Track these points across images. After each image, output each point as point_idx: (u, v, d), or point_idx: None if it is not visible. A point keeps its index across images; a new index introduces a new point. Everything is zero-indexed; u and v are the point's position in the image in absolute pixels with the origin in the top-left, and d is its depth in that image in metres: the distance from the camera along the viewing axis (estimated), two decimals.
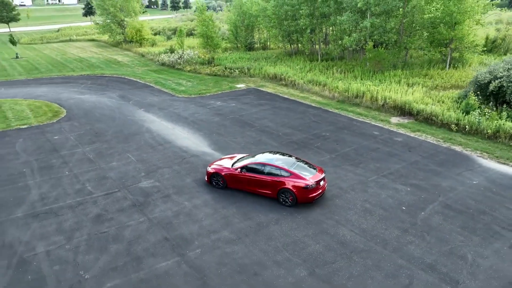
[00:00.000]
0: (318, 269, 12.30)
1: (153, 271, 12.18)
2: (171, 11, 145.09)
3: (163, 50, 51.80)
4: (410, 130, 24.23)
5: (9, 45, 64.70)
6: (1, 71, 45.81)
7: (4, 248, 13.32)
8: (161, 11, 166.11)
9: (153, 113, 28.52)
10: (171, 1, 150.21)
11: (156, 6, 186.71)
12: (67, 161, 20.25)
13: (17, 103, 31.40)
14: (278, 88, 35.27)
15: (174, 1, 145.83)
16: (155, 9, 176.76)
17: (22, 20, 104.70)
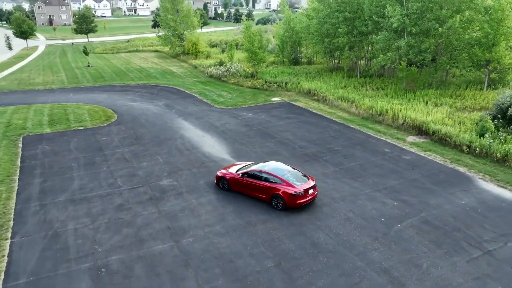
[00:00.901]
0: (284, 262, 14.42)
1: (150, 251, 15.04)
2: (234, 23, 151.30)
3: (213, 62, 55.78)
4: (421, 150, 25.24)
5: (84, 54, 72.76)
6: (73, 78, 52.26)
7: (45, 223, 16.92)
8: (225, 22, 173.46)
9: (189, 121, 31.89)
10: (233, 13, 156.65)
11: (221, 18, 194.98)
12: (108, 159, 23.99)
13: (79, 107, 36.41)
14: (310, 102, 37.29)
15: (237, 13, 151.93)
16: (220, 21, 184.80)
17: (99, 31, 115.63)
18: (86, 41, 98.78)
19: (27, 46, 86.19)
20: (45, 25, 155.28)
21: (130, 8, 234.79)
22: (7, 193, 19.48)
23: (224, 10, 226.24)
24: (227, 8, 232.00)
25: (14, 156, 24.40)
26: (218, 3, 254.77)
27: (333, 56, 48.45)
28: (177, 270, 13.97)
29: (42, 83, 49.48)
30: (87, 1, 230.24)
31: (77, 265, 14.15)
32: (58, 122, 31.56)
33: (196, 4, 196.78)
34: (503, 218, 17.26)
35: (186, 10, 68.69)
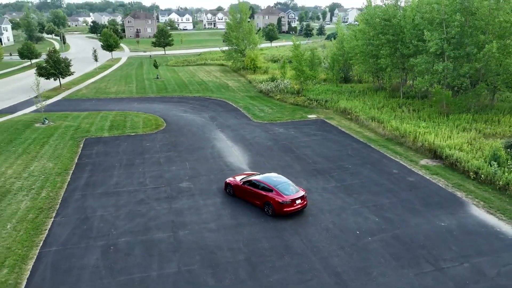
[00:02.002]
0: (254, 258, 17.19)
1: (151, 238, 18.67)
2: (304, 38, 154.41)
3: (266, 78, 59.43)
4: (428, 172, 26.29)
5: (160, 67, 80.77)
6: (141, 89, 59.02)
7: (81, 208, 21.40)
8: (297, 36, 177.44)
9: (225, 133, 35.59)
10: (304, 28, 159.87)
11: (294, 32, 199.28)
12: (145, 162, 28.40)
13: (137, 115, 41.96)
14: (343, 121, 39.15)
15: (307, 28, 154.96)
16: (292, 35, 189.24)
17: (176, 44, 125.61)
18: (163, 54, 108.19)
19: (112, 57, 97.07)
20: (132, 37, 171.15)
21: (210, 21, 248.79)
22: (60, 183, 24.50)
23: (299, 24, 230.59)
24: (302, 22, 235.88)
25: (74, 155, 29.82)
26: (294, 17, 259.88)
27: (378, 76, 49.52)
28: (166, 254, 17.40)
29: (115, 92, 56.70)
30: (172, 15, 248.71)
31: (94, 242, 18.20)
32: (116, 128, 37.04)
33: (270, 18, 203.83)
34: (474, 242, 18.33)
35: (248, 28, 73.38)
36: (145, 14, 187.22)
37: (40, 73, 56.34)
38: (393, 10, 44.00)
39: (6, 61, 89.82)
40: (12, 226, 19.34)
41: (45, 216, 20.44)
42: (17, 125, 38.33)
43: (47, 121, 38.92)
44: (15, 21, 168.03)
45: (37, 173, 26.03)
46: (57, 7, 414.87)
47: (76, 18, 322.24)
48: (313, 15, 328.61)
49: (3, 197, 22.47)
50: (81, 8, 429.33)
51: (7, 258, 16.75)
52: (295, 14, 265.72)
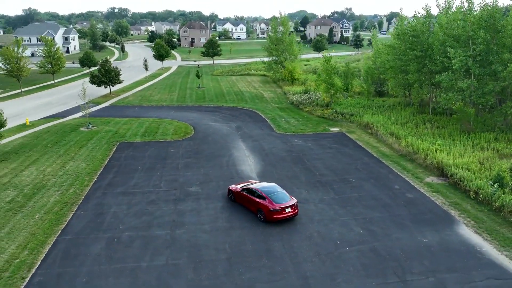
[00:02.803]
0: (234, 258, 19.12)
1: (151, 234, 21.19)
2: (354, 48, 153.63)
3: (300, 90, 61.04)
4: (430, 190, 26.76)
5: (205, 76, 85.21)
6: (182, 98, 62.94)
7: (99, 205, 24.50)
8: (348, 47, 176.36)
9: (245, 143, 37.79)
10: (354, 38, 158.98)
11: (346, 42, 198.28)
12: (165, 166, 31.28)
13: (171, 123, 45.37)
14: (363, 135, 39.93)
15: (357, 39, 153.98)
16: (344, 45, 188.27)
17: (226, 54, 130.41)
18: (211, 63, 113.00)
19: (163, 66, 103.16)
20: (187, 46, 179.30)
21: (263, 31, 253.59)
22: (87, 182, 27.93)
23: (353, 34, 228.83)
24: (356, 32, 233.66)
25: (106, 157, 33.41)
26: (348, 27, 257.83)
27: (407, 91, 49.47)
28: (160, 249, 19.82)
29: (158, 100, 61.03)
30: (226, 25, 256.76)
31: (102, 234, 21.06)
32: (149, 134, 40.54)
33: (322, 28, 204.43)
34: (448, 259, 19.00)
35: (288, 41, 75.44)
36: (200, 24, 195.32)
37: (92, 81, 62.10)
38: (422, 26, 44.06)
39: (69, 68, 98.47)
40: (40, 216, 22.77)
41: (68, 209, 23.72)
42: (65, 128, 43.09)
43: (91, 125, 43.33)
44: (83, 30, 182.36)
45: (70, 172, 29.75)
46: (123, 16, 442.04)
47: (139, 27, 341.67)
48: (369, 25, 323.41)
49: (38, 191, 26.19)
50: (144, 18, 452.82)
51: (30, 242, 20.01)
52: (350, 24, 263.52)
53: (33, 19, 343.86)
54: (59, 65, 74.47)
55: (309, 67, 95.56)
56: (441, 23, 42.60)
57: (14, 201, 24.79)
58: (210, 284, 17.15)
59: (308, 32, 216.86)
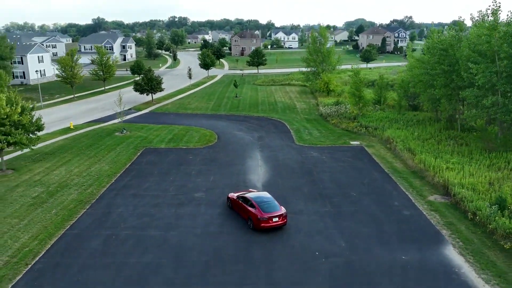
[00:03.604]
0: (213, 261, 20.58)
1: (147, 233, 23.19)
2: (405, 59, 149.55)
3: (332, 101, 61.33)
4: (429, 208, 26.57)
5: (246, 86, 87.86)
6: (217, 106, 65.52)
7: (109, 205, 27.01)
8: (401, 57, 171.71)
9: (262, 153, 39.12)
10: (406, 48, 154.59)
11: (399, 52, 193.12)
12: (178, 172, 33.44)
13: (198, 131, 47.78)
14: (381, 150, 39.79)
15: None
16: (397, 56, 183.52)
17: (271, 63, 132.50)
18: (256, 72, 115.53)
19: (208, 75, 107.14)
20: (237, 55, 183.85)
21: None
22: (105, 183, 30.71)
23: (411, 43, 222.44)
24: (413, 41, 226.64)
25: (128, 161, 36.27)
26: (405, 36, 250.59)
27: (436, 107, 48.28)
28: (150, 248, 21.74)
29: (193, 108, 64.07)
30: (278, 34, 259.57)
31: (104, 231, 23.41)
32: (174, 141, 43.16)
33: (375, 38, 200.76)
34: (421, 278, 19.18)
35: (327, 52, 75.87)
36: (251, 33, 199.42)
37: (136, 88, 66.53)
38: (451, 39, 43.07)
39: (121, 75, 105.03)
40: (56, 212, 25.66)
41: (81, 207, 26.46)
42: (102, 132, 46.95)
43: (125, 130, 46.83)
44: (141, 39, 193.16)
45: (93, 173, 32.79)
46: (183, 25, 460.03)
47: (196, 36, 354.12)
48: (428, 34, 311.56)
49: (61, 189, 29.32)
50: (203, 26, 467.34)
51: (41, 234, 22.78)
52: (406, 33, 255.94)
53: (100, 28, 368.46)
54: (109, 72, 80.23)
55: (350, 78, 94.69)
56: (468, 37, 41.44)
57: (39, 197, 28.02)
58: (182, 282, 18.74)
59: (360, 42, 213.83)
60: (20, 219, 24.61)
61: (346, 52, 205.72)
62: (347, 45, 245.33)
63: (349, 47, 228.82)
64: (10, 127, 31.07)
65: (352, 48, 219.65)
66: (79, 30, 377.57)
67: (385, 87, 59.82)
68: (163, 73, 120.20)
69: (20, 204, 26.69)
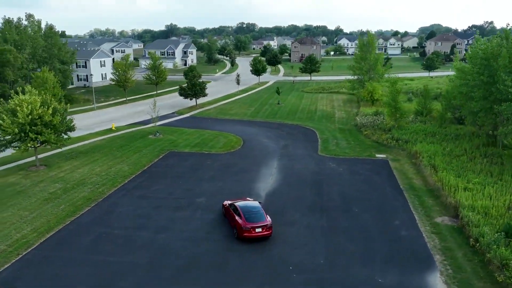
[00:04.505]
0: (189, 266, 21.06)
1: (136, 234, 24.26)
2: None
3: (373, 111, 59.26)
4: (431, 230, 24.90)
5: (294, 92, 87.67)
6: (255, 113, 66.12)
7: (113, 204, 28.60)
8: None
9: (280, 161, 38.96)
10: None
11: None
12: (191, 177, 34.41)
13: (226, 136, 48.67)
14: (405, 164, 37.80)
15: None
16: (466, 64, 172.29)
17: (325, 70, 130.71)
18: (308, 79, 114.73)
19: (259, 81, 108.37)
20: (297, 61, 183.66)
21: (380, 47, 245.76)
22: (118, 183, 32.53)
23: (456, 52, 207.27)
24: None
25: (149, 163, 38.02)
26: None
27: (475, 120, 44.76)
28: (134, 248, 22.76)
29: (233, 114, 65.28)
30: (342, 40, 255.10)
31: (98, 228, 24.89)
32: (199, 145, 44.43)
33: (443, 44, 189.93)
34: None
35: (374, 60, 73.47)
36: (311, 39, 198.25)
37: (181, 93, 69.36)
38: (493, 49, 39.81)
39: (174, 80, 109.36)
40: (64, 207, 27.73)
41: (87, 205, 28.34)
42: (137, 134, 49.63)
43: (158, 133, 49.07)
44: (203, 44, 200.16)
45: (112, 173, 34.86)
46: (250, 31, 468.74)
47: (261, 42, 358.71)
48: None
49: (77, 187, 31.59)
50: (270, 32, 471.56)
51: (42, 227, 24.81)
52: None
53: (172, 34, 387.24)
54: (162, 77, 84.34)
55: (408, 87, 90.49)
56: (509, 46, 38.07)
57: (55, 192, 30.45)
58: (149, 284, 19.42)
59: (428, 49, 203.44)
60: (30, 212, 26.98)
61: (411, 59, 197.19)
62: (415, 52, 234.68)
63: (416, 54, 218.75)
64: (42, 127, 34.00)
65: (419, 55, 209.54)
66: (153, 36, 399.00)
67: (430, 98, 56.60)
68: (218, 78, 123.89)
69: (36, 198, 29.21)
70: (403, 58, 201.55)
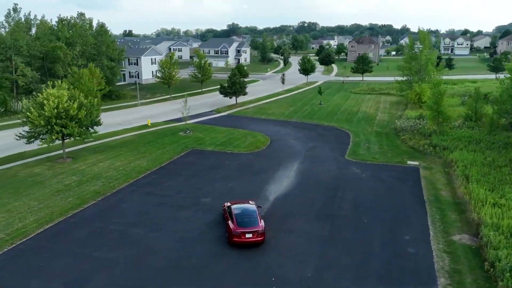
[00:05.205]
0: (171, 267, 20.48)
1: (130, 231, 24.16)
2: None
3: (416, 114, 55.29)
4: (443, 249, 22.27)
5: (341, 93, 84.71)
6: (293, 113, 64.33)
7: (120, 199, 28.84)
8: None
9: (301, 164, 37.32)
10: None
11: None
12: (204, 176, 33.91)
13: (255, 136, 47.74)
14: (437, 174, 34.54)
15: None
16: None
17: (382, 70, 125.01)
18: (360, 80, 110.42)
19: (307, 81, 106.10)
20: (353, 61, 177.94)
21: (447, 46, 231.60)
22: (131, 179, 32.85)
23: None
24: None
25: (168, 160, 38.14)
26: None
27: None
28: (122, 245, 22.63)
29: (270, 113, 64.15)
30: (404, 39, 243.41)
31: (97, 223, 25.12)
32: (224, 144, 43.95)
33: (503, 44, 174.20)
34: None
35: (425, 59, 68.67)
36: (369, 39, 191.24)
37: (221, 91, 69.56)
38: None
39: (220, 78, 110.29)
40: (71, 200, 28.43)
41: (94, 198, 28.84)
42: (168, 131, 50.29)
43: (188, 131, 49.36)
44: (258, 43, 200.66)
45: (129, 168, 35.36)
46: (312, 30, 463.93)
47: (321, 41, 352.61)
48: None
49: (91, 180, 32.37)
50: (331, 32, 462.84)
51: (44, 218, 25.53)
52: None
53: (234, 33, 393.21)
54: (207, 75, 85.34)
55: (465, 89, 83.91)
56: None
57: (69, 185, 31.41)
58: (121, 283, 19.09)
59: (499, 49, 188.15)
60: (39, 202, 27.97)
61: (480, 60, 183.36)
62: (485, 52, 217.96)
63: (486, 55, 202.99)
64: (67, 120, 35.30)
65: (490, 56, 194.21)
66: (215, 35, 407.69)
67: (482, 101, 51.67)
68: (267, 77, 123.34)
69: (50, 189, 30.30)
70: (471, 59, 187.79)
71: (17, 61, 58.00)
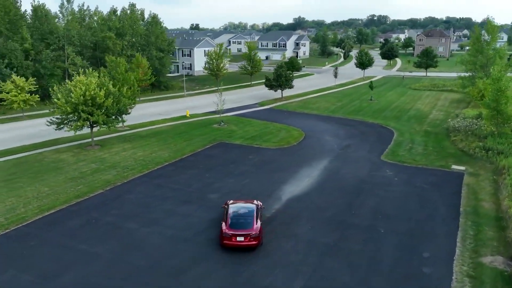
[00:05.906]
0: (153, 267, 19.17)
1: (124, 225, 23.25)
2: None
3: (474, 114, 49.40)
4: (466, 273, 18.67)
5: (399, 89, 79.10)
6: (339, 108, 60.68)
7: (129, 191, 28.17)
8: None
9: (329, 163, 34.40)
10: None
11: None
12: (222, 170, 32.36)
13: (289, 131, 45.32)
14: (484, 182, 29.90)
15: None
16: None
17: (450, 65, 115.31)
18: (423, 75, 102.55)
19: (363, 75, 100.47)
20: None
21: None
22: (146, 170, 32.16)
23: None
24: None
25: (191, 152, 37.07)
26: None
27: None
28: (110, 239, 21.72)
29: (313, 108, 61.02)
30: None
31: (94, 213, 24.54)
32: (253, 138, 42.07)
33: None
34: None
35: (493, 53, 61.31)
36: (440, 32, 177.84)
37: (266, 84, 67.65)
38: None
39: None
40: (81, 188, 28.24)
41: (103, 188, 28.43)
42: (203, 123, 49.52)
43: (223, 123, 48.17)
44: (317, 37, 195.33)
45: (148, 159, 34.78)
46: (382, 23, 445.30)
47: (390, 35, 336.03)
48: None
49: (107, 169, 32.14)
50: (403, 25, 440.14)
51: (46, 205, 25.45)
52: None
53: (300, 26, 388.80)
54: (257, 67, 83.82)
55: None
56: None
57: (85, 172, 31.42)
58: (93, 280, 18.07)
59: None
60: (50, 188, 28.11)
61: None
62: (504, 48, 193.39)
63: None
64: (93, 108, 35.51)
65: None
66: (281, 28, 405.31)
67: None
68: (324, 71, 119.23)
69: (65, 176, 30.47)
70: None
71: (69, 50, 60.51)
